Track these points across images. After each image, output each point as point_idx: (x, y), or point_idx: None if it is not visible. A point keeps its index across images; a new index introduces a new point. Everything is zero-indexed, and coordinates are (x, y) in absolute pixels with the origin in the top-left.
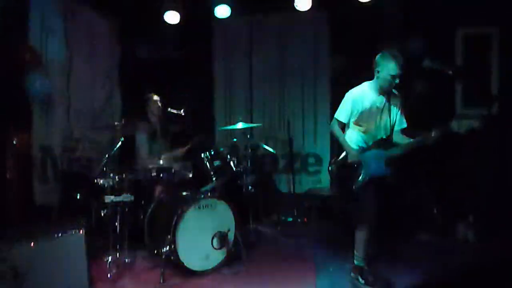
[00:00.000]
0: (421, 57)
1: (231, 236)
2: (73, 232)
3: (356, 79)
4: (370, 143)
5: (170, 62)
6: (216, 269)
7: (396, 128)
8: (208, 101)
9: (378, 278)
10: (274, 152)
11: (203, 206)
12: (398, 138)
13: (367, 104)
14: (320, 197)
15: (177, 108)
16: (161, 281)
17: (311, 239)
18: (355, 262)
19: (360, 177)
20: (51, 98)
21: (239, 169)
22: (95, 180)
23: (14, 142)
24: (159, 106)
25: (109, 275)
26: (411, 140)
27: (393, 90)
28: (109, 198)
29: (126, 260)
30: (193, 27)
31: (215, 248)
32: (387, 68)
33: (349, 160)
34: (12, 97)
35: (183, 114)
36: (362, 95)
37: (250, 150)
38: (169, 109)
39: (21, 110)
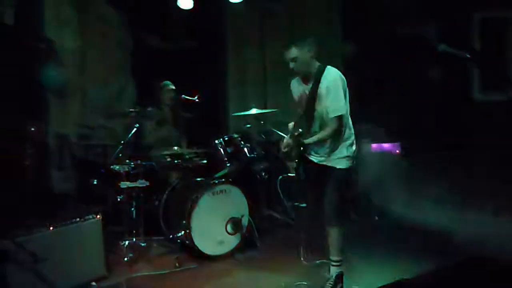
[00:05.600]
0: (437, 42)
1: (245, 221)
2: (91, 218)
3: (369, 64)
4: None
5: (184, 49)
6: (230, 254)
7: None
8: (222, 87)
9: None
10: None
11: (217, 192)
12: None
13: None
14: None
15: (191, 95)
16: (176, 265)
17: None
18: None
19: None
20: (66, 87)
21: (252, 155)
22: (111, 167)
23: (32, 131)
24: (172, 96)
25: (125, 259)
26: None
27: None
28: (124, 184)
29: (142, 245)
30: (206, 12)
31: (229, 233)
32: None
33: None
34: (28, 87)
35: (197, 100)
36: None
37: (263, 136)
38: (183, 96)
39: (38, 99)
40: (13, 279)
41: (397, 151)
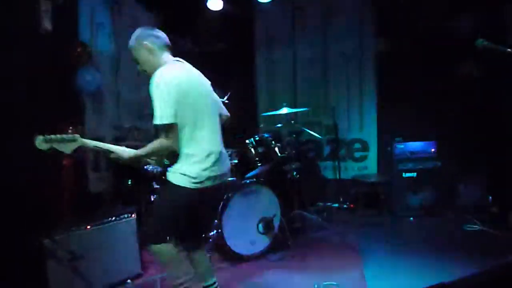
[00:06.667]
0: (474, 36)
1: (276, 221)
2: (126, 217)
3: (402, 61)
4: None
5: (214, 50)
6: (261, 254)
7: None
8: (252, 87)
9: None
10: (320, 137)
11: (248, 192)
12: None
13: None
14: (366, 184)
15: (221, 95)
16: None
17: (357, 225)
18: None
19: None
20: (101, 90)
21: (283, 155)
22: (144, 167)
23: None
24: None
25: None
26: None
27: None
28: (157, 184)
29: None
30: (236, 13)
31: (261, 233)
32: None
33: None
34: (65, 91)
35: (226, 101)
36: None
37: (294, 136)
38: None
39: (75, 102)
40: (53, 275)
41: (432, 150)
